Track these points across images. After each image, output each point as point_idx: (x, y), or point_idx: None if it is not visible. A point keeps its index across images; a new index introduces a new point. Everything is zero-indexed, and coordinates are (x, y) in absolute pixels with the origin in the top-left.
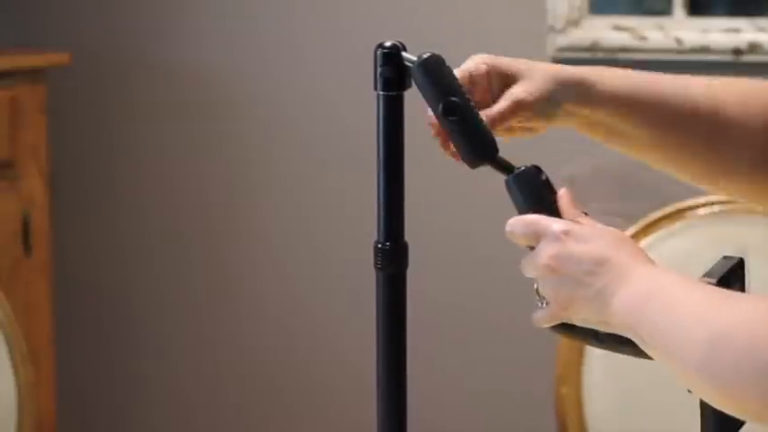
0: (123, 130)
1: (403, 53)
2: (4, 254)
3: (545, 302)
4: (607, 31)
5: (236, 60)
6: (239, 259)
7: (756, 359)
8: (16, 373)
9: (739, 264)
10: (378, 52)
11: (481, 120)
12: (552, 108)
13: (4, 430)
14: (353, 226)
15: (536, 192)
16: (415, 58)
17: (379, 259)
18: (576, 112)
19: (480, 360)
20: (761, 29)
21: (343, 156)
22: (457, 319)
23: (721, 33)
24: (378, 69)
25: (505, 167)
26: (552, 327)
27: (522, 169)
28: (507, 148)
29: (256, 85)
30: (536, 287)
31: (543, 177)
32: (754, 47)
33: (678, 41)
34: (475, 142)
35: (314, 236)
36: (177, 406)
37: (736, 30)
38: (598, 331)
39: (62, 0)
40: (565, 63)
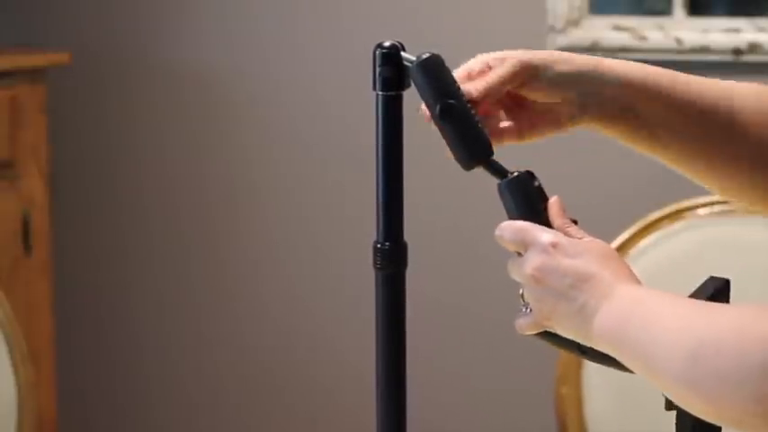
0: (123, 130)
1: (402, 53)
2: (4, 254)
3: (529, 308)
4: (607, 31)
5: (236, 60)
6: (239, 259)
7: (741, 366)
8: (16, 373)
9: (725, 285)
10: (377, 52)
11: (477, 122)
12: (557, 80)
13: (5, 430)
14: (353, 226)
15: (528, 198)
16: (414, 58)
17: (378, 259)
18: (589, 86)
19: (480, 360)
20: (761, 29)
21: (342, 156)
22: (456, 319)
23: (721, 33)
24: (377, 69)
25: (499, 171)
26: (536, 334)
27: (516, 175)
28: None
29: (256, 85)
30: (521, 292)
31: (536, 184)
32: (754, 47)
33: (678, 41)
34: (470, 144)
35: (313, 236)
36: (177, 406)
37: (736, 30)
38: (582, 343)
39: (62, 0)
40: None
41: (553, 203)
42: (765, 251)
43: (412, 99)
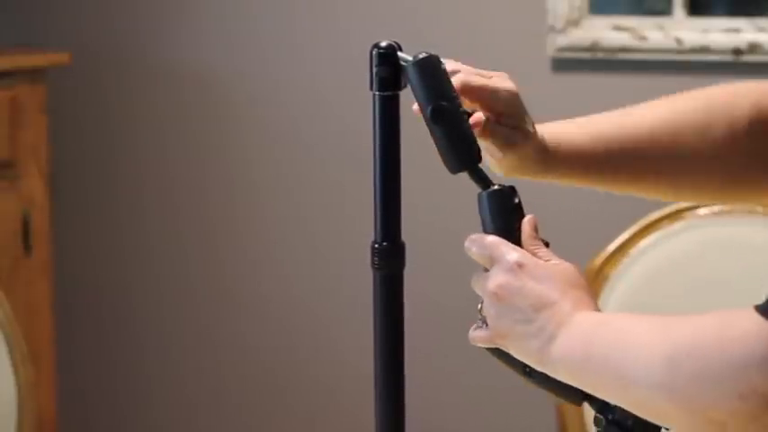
0: (123, 130)
1: (399, 53)
2: (4, 254)
3: (484, 324)
4: (607, 31)
5: (235, 60)
6: (239, 259)
7: (721, 364)
8: (16, 373)
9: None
10: (373, 52)
11: (468, 127)
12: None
13: (5, 430)
14: (351, 226)
15: (504, 213)
16: (410, 58)
17: (376, 259)
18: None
19: (480, 360)
20: (761, 29)
21: (341, 156)
22: (455, 319)
23: (721, 33)
24: (374, 69)
25: (483, 180)
26: (487, 348)
27: (497, 188)
28: None
29: (255, 85)
30: (480, 306)
31: (516, 200)
32: (754, 47)
33: (678, 41)
34: (458, 149)
35: (312, 236)
36: (177, 406)
37: (736, 30)
38: (528, 365)
39: (62, 0)
40: (565, 63)
41: (526, 223)
42: (765, 251)
43: (409, 99)
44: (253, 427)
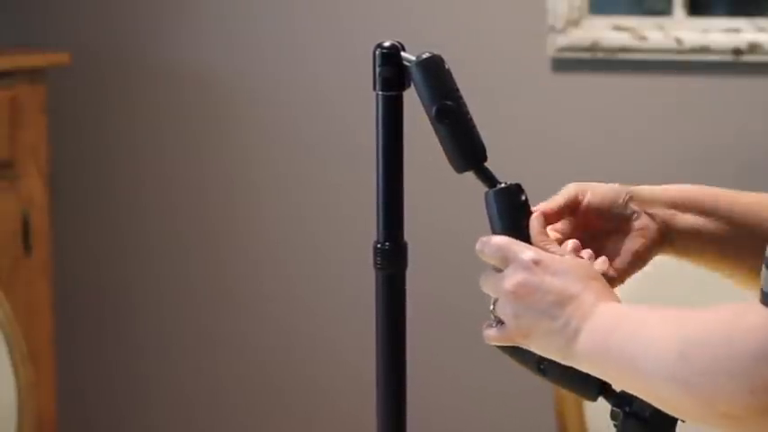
0: (123, 130)
1: (402, 53)
2: (4, 254)
3: (498, 323)
4: (607, 31)
5: (236, 60)
6: (239, 259)
7: (731, 359)
8: (16, 373)
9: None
10: (377, 52)
11: (473, 126)
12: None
13: (5, 430)
14: (353, 226)
15: (511, 211)
16: (414, 58)
17: (378, 259)
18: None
19: (480, 360)
20: (761, 29)
21: (343, 156)
22: (457, 319)
23: (721, 33)
24: (377, 69)
25: (489, 179)
26: (499, 346)
27: (504, 186)
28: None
29: (256, 85)
30: (492, 307)
31: (523, 198)
32: (754, 47)
33: (678, 41)
34: (464, 148)
35: (313, 236)
36: (177, 406)
37: (736, 30)
38: (543, 361)
39: (62, 0)
40: (565, 63)
41: (534, 219)
42: None
43: (412, 99)
44: (253, 428)
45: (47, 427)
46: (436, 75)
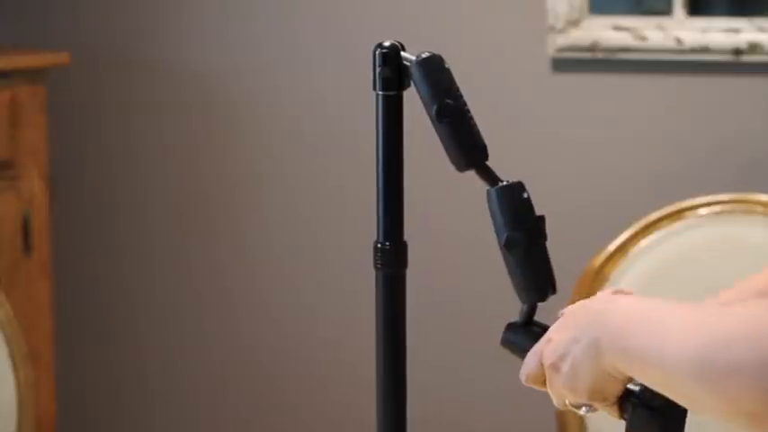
0: (123, 131)
1: (402, 53)
2: (4, 254)
3: (588, 407)
4: (607, 31)
5: (236, 60)
6: (239, 259)
7: (754, 356)
8: (16, 373)
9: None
10: (377, 52)
11: (474, 124)
12: None
13: (5, 430)
14: (353, 226)
15: (514, 208)
16: (414, 58)
17: (378, 259)
18: None
19: (480, 360)
20: (761, 29)
21: (343, 155)
22: (457, 319)
23: (721, 33)
24: (377, 69)
25: (491, 177)
26: (508, 348)
27: (506, 184)
28: (509, 152)
29: (256, 85)
30: (568, 402)
31: (525, 196)
32: (754, 47)
33: (678, 41)
34: (465, 147)
35: (314, 236)
36: (177, 406)
37: (736, 30)
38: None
39: (62, 0)
40: (565, 63)
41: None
42: (765, 251)
43: (412, 99)
44: (253, 428)
45: (47, 427)
46: (436, 74)
